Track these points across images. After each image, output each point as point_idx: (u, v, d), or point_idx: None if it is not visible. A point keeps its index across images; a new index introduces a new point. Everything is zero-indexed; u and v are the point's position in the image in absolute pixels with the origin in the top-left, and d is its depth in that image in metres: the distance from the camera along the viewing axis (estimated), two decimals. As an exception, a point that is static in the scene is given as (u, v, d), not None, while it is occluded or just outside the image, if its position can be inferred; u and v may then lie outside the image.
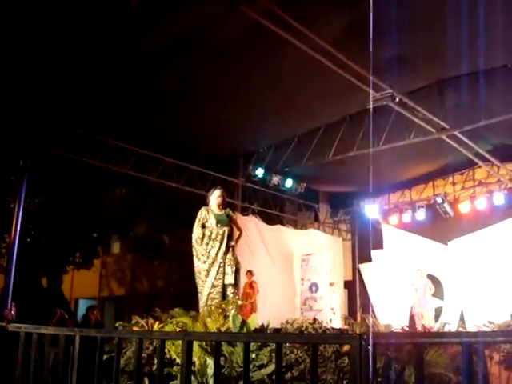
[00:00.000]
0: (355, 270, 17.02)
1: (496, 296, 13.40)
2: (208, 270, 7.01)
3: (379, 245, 16.10)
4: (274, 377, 3.80)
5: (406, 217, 16.17)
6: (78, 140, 11.27)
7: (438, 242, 15.31)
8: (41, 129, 10.72)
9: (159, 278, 21.16)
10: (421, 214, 15.91)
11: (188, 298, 8.30)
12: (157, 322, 5.99)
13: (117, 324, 6.78)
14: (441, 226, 15.49)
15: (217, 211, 7.28)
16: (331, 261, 15.51)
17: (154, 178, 12.71)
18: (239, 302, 7.01)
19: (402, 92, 10.11)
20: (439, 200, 15.17)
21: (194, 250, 7.07)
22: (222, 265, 7.10)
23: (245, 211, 14.52)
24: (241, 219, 14.03)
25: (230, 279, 7.09)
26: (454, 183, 15.90)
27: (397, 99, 9.79)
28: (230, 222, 7.32)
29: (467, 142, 12.25)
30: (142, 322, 6.08)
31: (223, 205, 7.36)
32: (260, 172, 14.14)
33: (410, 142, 11.90)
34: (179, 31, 8.23)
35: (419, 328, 11.29)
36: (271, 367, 4.27)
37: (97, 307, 16.22)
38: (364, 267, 16.70)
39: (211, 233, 7.12)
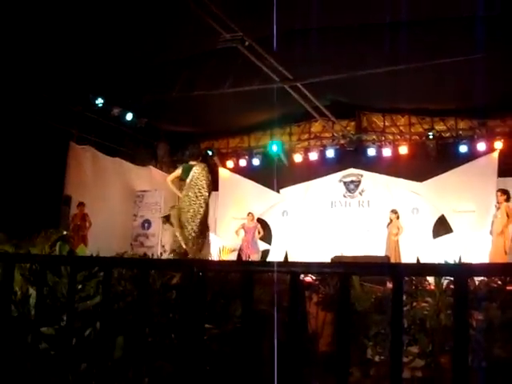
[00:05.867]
0: (189, 210, 17.15)
1: (318, 242, 14.35)
2: None
3: (215, 187, 16.36)
4: (100, 309, 3.74)
5: (243, 162, 16.54)
6: None
7: (270, 189, 15.92)
8: None
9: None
10: (257, 161, 16.37)
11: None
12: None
13: None
14: (274, 173, 16.06)
15: None
16: (166, 199, 15.52)
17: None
18: (64, 232, 6.82)
19: (252, 37, 10.10)
20: (275, 148, 15.68)
21: None
22: None
23: (82, 141, 13.89)
24: (77, 149, 13.50)
25: None
26: (290, 134, 16.52)
27: (246, 43, 9.80)
28: None
29: (308, 95, 12.70)
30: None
31: None
32: (100, 102, 13.56)
33: (255, 89, 12.04)
34: None
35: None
36: (97, 298, 4.21)
37: None
38: (198, 208, 16.90)
39: None
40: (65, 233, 6.70)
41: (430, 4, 9.14)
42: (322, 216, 15.10)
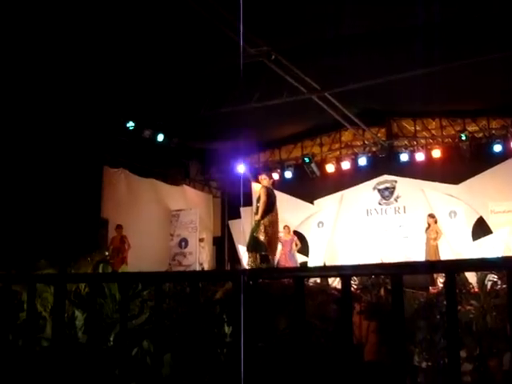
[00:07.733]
0: (224, 227, 17.25)
1: (356, 251, 14.23)
2: None
3: (249, 202, 16.39)
4: (146, 327, 3.76)
5: (275, 175, 16.52)
6: None
7: (304, 201, 15.89)
8: None
9: None
10: (289, 173, 16.35)
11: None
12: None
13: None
14: (308, 185, 16.05)
15: None
16: (201, 217, 15.61)
17: None
18: (106, 253, 6.89)
19: (277, 50, 10.09)
20: (307, 160, 15.67)
21: None
22: None
23: (115, 164, 14.05)
24: (111, 173, 13.68)
25: None
26: (321, 144, 16.49)
27: (272, 57, 9.81)
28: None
29: (337, 105, 12.66)
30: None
31: None
32: (131, 125, 13.73)
33: (283, 102, 12.04)
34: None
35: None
36: (143, 317, 4.25)
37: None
38: (233, 224, 16.96)
39: None
40: (106, 253, 6.79)
41: (461, 3, 9.01)
42: (359, 225, 14.98)
